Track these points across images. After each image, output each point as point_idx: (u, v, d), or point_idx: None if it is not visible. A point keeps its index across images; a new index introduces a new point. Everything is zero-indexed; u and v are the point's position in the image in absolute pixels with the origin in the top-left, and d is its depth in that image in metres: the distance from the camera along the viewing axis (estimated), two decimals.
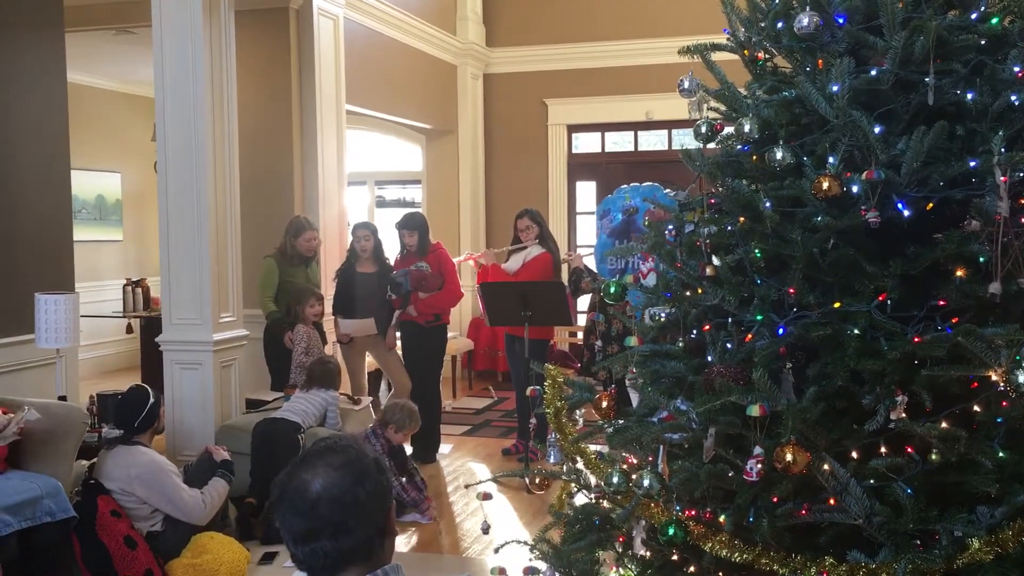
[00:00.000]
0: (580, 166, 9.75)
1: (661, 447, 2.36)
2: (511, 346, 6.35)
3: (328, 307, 6.26)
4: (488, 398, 8.43)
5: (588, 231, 9.55)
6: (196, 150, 5.20)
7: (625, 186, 5.61)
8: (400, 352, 6.38)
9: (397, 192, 10.97)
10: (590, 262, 6.73)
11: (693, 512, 2.31)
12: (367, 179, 10.48)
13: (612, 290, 2.67)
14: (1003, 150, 2.11)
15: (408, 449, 5.39)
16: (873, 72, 2.30)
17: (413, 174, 10.33)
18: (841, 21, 2.38)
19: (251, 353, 5.92)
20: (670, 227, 2.66)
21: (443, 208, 9.44)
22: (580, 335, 8.05)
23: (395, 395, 6.28)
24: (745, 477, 2.11)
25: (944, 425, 2.07)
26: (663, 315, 2.70)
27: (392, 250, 6.40)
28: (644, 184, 5.68)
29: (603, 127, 9.66)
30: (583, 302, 7.13)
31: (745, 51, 2.66)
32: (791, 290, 2.29)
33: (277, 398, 5.69)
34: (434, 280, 6.11)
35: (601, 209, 5.74)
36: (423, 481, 5.17)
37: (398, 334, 6.34)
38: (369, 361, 6.61)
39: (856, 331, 2.17)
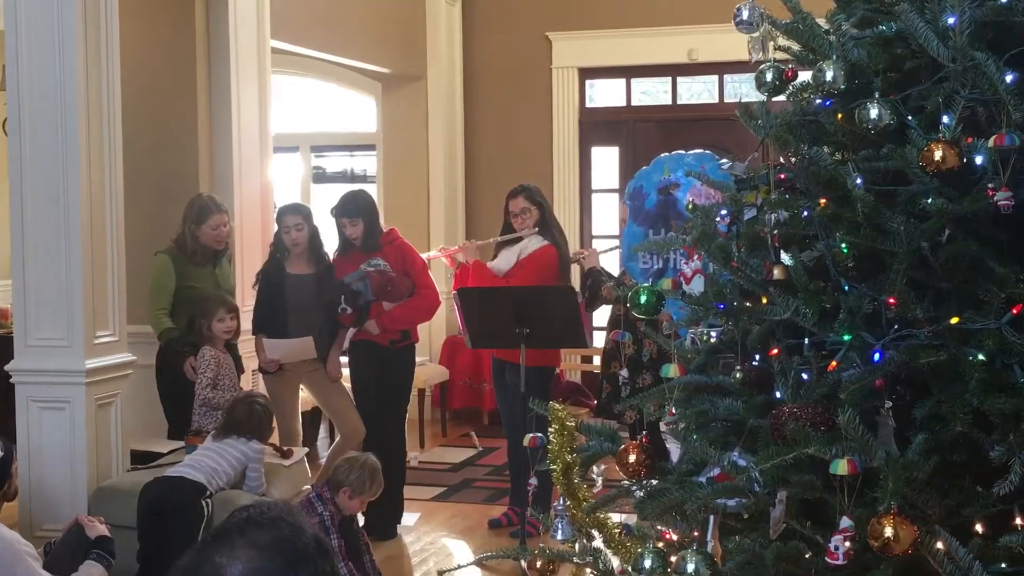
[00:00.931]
0: (597, 126, 9.77)
1: (711, 518, 2.36)
2: (500, 376, 6.35)
3: (247, 322, 6.25)
4: (469, 448, 8.42)
5: (609, 216, 9.56)
6: (62, 104, 5.18)
7: (665, 155, 5.61)
8: (349, 385, 6.37)
9: (342, 162, 10.96)
10: (612, 261, 6.73)
11: None
12: (301, 144, 10.48)
13: (643, 299, 2.68)
14: None
15: (359, 519, 5.37)
16: None
17: (364, 137, 10.32)
18: None
19: (140, 386, 5.90)
20: (723, 212, 2.67)
21: (406, 184, 9.44)
22: (598, 361, 8.06)
23: (341, 445, 6.26)
24: (828, 560, 2.12)
25: None
26: (714, 334, 2.71)
27: (331, 242, 6.40)
28: (690, 152, 5.68)
29: (629, 71, 9.68)
30: (602, 315, 7.14)
31: None
32: (891, 300, 2.30)
33: (176, 449, 5.68)
34: (403, 283, 6.11)
35: (632, 186, 5.73)
36: (374, 565, 5.17)
37: (345, 360, 6.34)
38: (305, 398, 6.60)
39: (981, 356, 2.18)
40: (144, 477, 5.15)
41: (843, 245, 2.40)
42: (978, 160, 2.26)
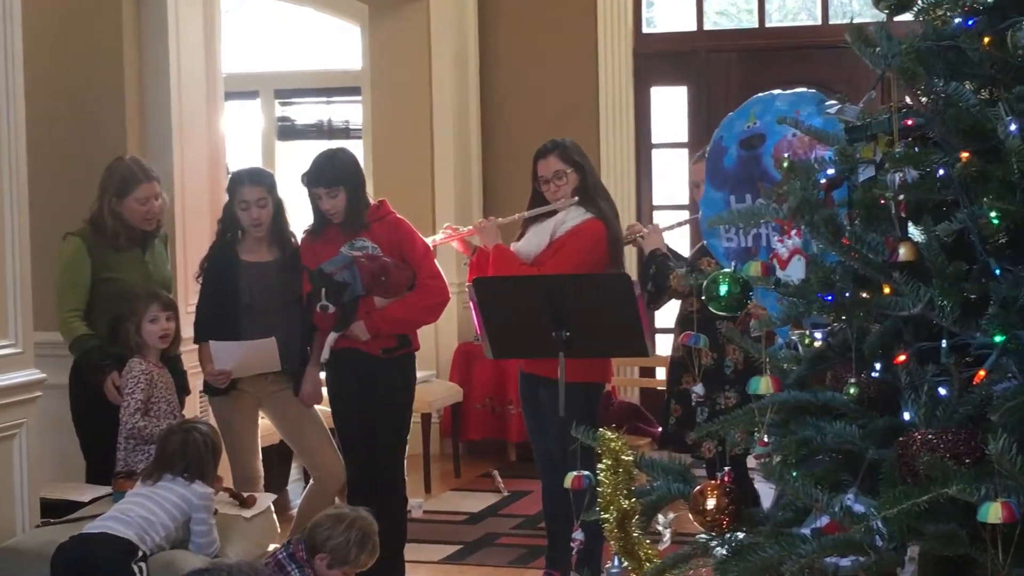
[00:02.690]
0: (658, 58, 9.74)
1: None
2: (531, 396, 6.34)
3: (190, 327, 6.26)
4: (492, 493, 8.43)
5: (675, 180, 9.54)
6: None
7: (760, 95, 5.56)
8: (330, 409, 6.37)
9: (316, 111, 10.96)
10: (681, 241, 6.70)
11: None
12: (262, 88, 10.50)
13: (724, 289, 2.67)
14: None
15: None
16: None
17: (346, 77, 10.33)
18: None
19: (53, 414, 5.91)
20: (829, 171, 2.67)
21: (402, 141, 9.44)
22: (663, 374, 8.04)
23: (315, 492, 6.27)
24: None
25: None
26: (819, 336, 2.70)
27: (299, 218, 6.38)
28: (786, 92, 5.64)
29: None
30: (667, 313, 7.12)
31: None
32: None
33: (100, 497, 5.71)
34: (401, 272, 6.09)
35: (714, 138, 5.68)
36: None
37: (322, 375, 6.34)
38: (267, 427, 6.61)
39: None
40: (58, 535, 5.17)
41: (993, 214, 2.39)
42: None
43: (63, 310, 6.02)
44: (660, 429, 7.07)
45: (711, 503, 2.64)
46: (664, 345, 7.78)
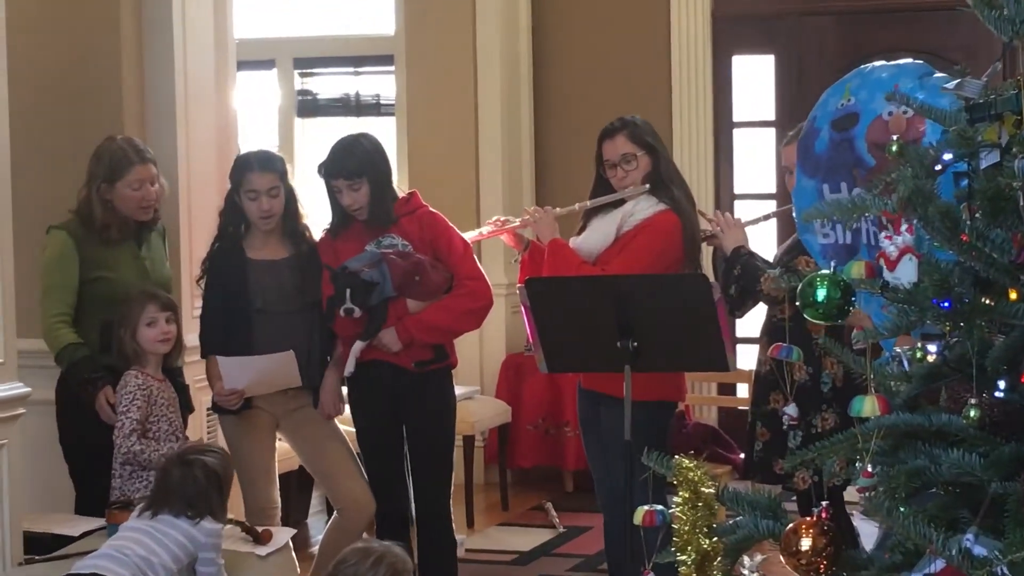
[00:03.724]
0: (741, 23, 9.73)
1: None
2: (592, 416, 6.34)
3: (194, 335, 6.27)
4: (545, 528, 8.44)
5: (760, 165, 9.52)
6: None
7: (867, 67, 5.56)
8: (354, 427, 6.38)
9: (343, 83, 10.99)
10: (766, 237, 6.67)
11: None
12: (279, 56, 10.55)
13: (822, 294, 2.67)
14: None
15: None
16: None
17: (376, 44, 10.35)
18: None
19: (39, 434, 5.96)
20: (946, 156, 2.66)
21: (442, 119, 9.46)
22: (746, 392, 8.03)
23: (339, 526, 6.28)
24: None
25: None
26: (933, 349, 2.69)
27: (318, 211, 6.39)
28: (888, 63, 5.64)
29: None
30: (751, 321, 7.11)
31: None
32: None
33: (92, 531, 5.74)
34: (436, 273, 6.09)
35: (810, 117, 5.68)
36: None
37: (344, 390, 6.35)
38: (285, 450, 6.64)
39: None
40: (44, 574, 5.20)
41: None
42: None
43: (48, 315, 6.01)
44: (743, 456, 7.06)
45: (806, 543, 2.63)
46: (747, 358, 7.77)
